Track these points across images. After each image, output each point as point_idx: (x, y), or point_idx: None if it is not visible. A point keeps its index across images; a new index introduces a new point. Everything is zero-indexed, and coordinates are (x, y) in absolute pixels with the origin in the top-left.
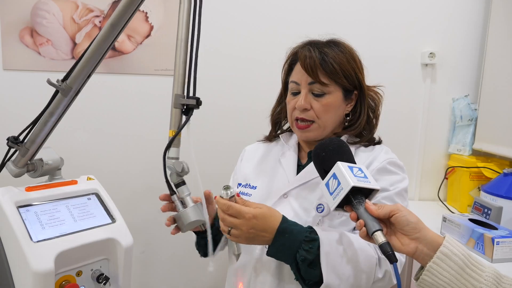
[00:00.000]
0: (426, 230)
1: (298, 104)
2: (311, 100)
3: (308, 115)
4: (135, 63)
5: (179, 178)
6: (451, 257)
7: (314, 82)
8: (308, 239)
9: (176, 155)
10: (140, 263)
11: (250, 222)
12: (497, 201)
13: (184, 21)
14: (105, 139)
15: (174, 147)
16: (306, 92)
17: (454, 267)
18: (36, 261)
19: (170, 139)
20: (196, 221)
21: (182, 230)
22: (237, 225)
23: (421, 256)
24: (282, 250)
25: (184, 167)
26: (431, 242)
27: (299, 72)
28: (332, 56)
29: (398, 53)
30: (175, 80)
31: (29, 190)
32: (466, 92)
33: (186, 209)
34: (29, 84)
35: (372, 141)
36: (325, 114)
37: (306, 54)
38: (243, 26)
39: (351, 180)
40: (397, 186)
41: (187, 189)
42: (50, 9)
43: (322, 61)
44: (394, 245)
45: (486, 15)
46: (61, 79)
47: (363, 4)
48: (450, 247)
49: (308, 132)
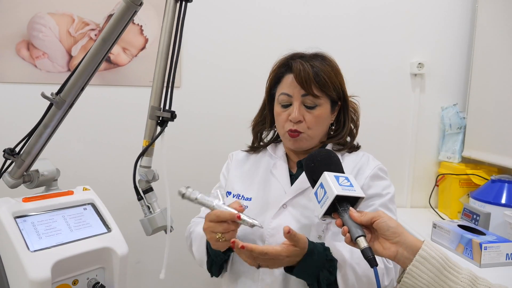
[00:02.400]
0: (406, 234)
1: (293, 116)
2: (304, 112)
3: (300, 127)
4: (130, 75)
5: (148, 185)
6: (430, 260)
7: (307, 94)
8: (328, 257)
9: (149, 164)
10: (135, 273)
11: (284, 261)
12: (485, 207)
13: (166, 35)
14: (101, 150)
15: (147, 157)
16: (299, 104)
17: (432, 269)
18: (33, 270)
19: (143, 149)
20: (162, 226)
21: (147, 234)
22: (273, 264)
23: (402, 260)
24: (307, 270)
25: (155, 175)
26: (411, 246)
27: (291, 84)
28: (322, 69)
29: (388, 64)
30: (153, 92)
31: (26, 201)
32: (454, 101)
33: (154, 215)
34: (25, 97)
35: (354, 147)
36: (316, 126)
37: (300, 67)
38: (233, 38)
39: (335, 189)
40: (388, 191)
41: (155, 195)
42: (47, 23)
43: (315, 74)
44: (376, 249)
45: (472, 26)
46: (55, 92)
47: (352, 16)
48: (428, 251)
49: (299, 142)
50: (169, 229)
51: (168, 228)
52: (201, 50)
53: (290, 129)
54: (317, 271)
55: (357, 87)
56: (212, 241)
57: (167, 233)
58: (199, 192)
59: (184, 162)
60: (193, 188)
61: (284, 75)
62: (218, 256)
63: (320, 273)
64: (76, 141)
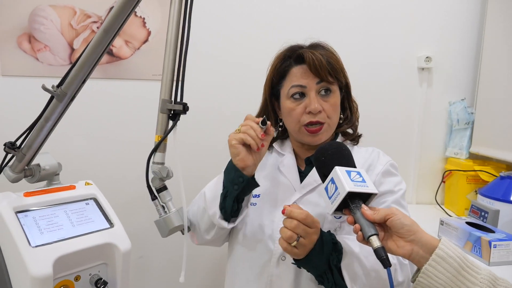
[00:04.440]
0: (421, 232)
1: (313, 107)
2: (321, 102)
3: (321, 117)
4: (132, 68)
5: (161, 183)
6: (447, 259)
7: (321, 81)
8: (334, 240)
9: (162, 160)
10: (138, 268)
11: (318, 230)
12: (494, 204)
13: (173, 27)
14: (103, 144)
15: (160, 152)
16: (315, 94)
17: (450, 269)
18: (34, 266)
19: (156, 144)
20: (179, 226)
21: (163, 235)
22: (310, 234)
23: (417, 258)
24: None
25: (169, 172)
26: (426, 244)
27: (303, 75)
28: (329, 56)
29: (394, 58)
30: (163, 85)
31: (28, 196)
32: (462, 96)
33: (169, 215)
34: (27, 90)
35: (357, 137)
36: (334, 114)
37: (311, 56)
38: (236, 31)
39: (347, 185)
40: (400, 187)
41: (169, 194)
42: (48, 15)
43: (327, 61)
44: (390, 248)
45: (482, 19)
46: (56, 85)
47: (359, 9)
48: (446, 250)
49: (320, 135)
50: (186, 229)
51: (186, 228)
52: (205, 43)
53: (311, 121)
54: (328, 256)
55: (363, 81)
56: (232, 134)
57: (184, 233)
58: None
59: (193, 157)
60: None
61: (290, 68)
62: (231, 175)
63: (330, 257)
64: (77, 135)
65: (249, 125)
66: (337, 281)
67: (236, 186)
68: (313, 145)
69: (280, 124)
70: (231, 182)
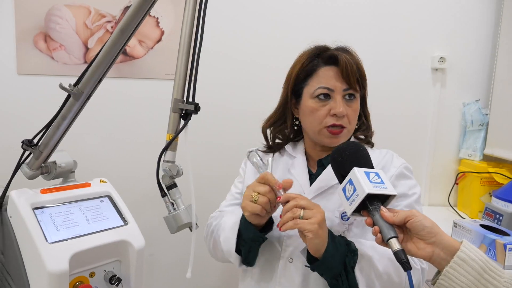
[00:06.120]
0: (442, 234)
1: (339, 111)
2: (345, 106)
3: (344, 122)
4: (146, 67)
5: (171, 180)
6: (469, 262)
7: (349, 88)
8: (347, 242)
9: (172, 158)
10: (148, 265)
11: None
12: (509, 207)
13: (187, 27)
14: (116, 143)
15: (171, 151)
16: (341, 98)
17: (472, 272)
18: (51, 262)
19: (167, 142)
20: (187, 223)
21: (172, 231)
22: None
23: (438, 261)
24: (334, 256)
25: (179, 170)
26: (448, 246)
27: (333, 77)
28: (357, 63)
29: (408, 58)
30: (175, 85)
31: (44, 192)
32: (477, 97)
33: (178, 212)
34: (42, 88)
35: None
36: (354, 120)
37: (345, 60)
38: (248, 30)
39: (366, 187)
40: (414, 191)
41: (179, 192)
42: (63, 15)
43: (357, 68)
44: (410, 250)
45: (497, 19)
46: (73, 84)
47: (372, 8)
48: (467, 252)
49: (340, 138)
50: (194, 226)
51: (194, 225)
52: (217, 43)
53: (334, 123)
54: (343, 257)
55: (375, 81)
56: (246, 200)
57: (192, 230)
58: (259, 156)
59: (203, 156)
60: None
61: (318, 68)
62: (251, 234)
63: (345, 258)
64: (91, 133)
65: (267, 197)
66: (352, 283)
67: (257, 242)
68: (329, 146)
69: (296, 123)
70: (252, 240)
